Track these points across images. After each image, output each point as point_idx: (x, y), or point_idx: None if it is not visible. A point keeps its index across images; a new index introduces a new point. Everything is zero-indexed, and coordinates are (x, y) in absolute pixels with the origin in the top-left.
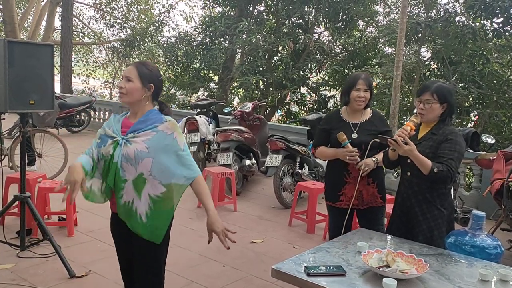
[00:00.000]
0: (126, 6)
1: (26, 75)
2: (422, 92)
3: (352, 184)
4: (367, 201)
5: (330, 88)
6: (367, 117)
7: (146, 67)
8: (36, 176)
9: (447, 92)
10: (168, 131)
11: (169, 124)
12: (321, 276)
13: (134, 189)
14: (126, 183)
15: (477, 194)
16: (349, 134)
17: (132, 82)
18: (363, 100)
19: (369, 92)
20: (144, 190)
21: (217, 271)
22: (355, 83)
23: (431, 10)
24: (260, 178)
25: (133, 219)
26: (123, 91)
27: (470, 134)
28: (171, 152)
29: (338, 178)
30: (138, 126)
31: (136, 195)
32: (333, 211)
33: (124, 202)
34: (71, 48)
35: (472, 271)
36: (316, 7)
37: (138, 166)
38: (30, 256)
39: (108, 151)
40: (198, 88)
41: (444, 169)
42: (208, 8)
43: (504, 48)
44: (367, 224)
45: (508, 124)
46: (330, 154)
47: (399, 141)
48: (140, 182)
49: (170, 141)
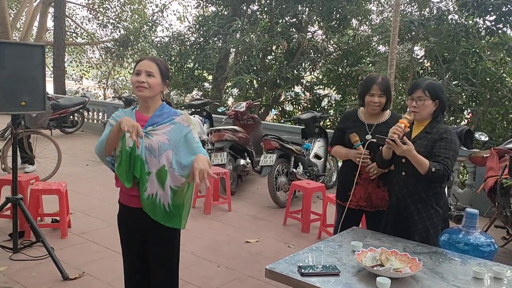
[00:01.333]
0: (119, 6)
1: (17, 76)
2: (414, 89)
3: (362, 185)
4: (376, 204)
5: (324, 87)
6: (384, 118)
7: (164, 64)
8: (29, 178)
9: (438, 88)
10: (185, 123)
11: (185, 116)
12: (315, 276)
13: (157, 181)
14: (150, 176)
15: (471, 192)
16: (363, 135)
17: (154, 77)
18: (378, 105)
19: (385, 96)
20: (166, 182)
21: (211, 271)
22: (369, 88)
23: (424, 8)
24: (254, 178)
25: (158, 210)
26: (145, 85)
27: (463, 132)
28: (188, 144)
29: (349, 178)
30: (156, 120)
31: (159, 186)
32: (341, 210)
33: (148, 195)
34: (64, 48)
35: (465, 269)
36: (309, 6)
37: (161, 158)
38: (23, 259)
39: (128, 144)
40: (192, 88)
41: (441, 168)
42: (202, 8)
43: (496, 45)
44: (373, 227)
45: (501, 121)
46: (343, 154)
47: (397, 141)
48: (163, 174)
49: (188, 133)
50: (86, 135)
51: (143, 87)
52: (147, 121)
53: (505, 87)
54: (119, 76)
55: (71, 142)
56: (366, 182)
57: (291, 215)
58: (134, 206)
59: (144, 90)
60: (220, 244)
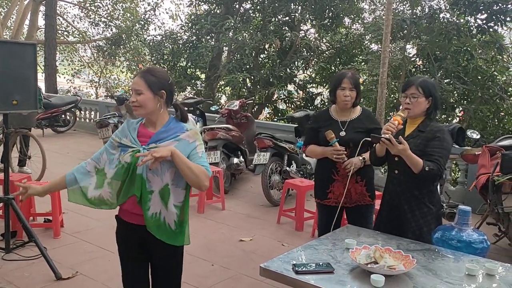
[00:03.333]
0: (111, 5)
1: (8, 75)
2: (407, 86)
3: (340, 182)
4: (355, 199)
5: (317, 85)
6: (356, 115)
7: (153, 74)
8: (21, 177)
9: (432, 86)
10: (190, 139)
11: (191, 133)
12: (310, 273)
13: (160, 199)
14: (153, 194)
15: (463, 189)
16: (337, 132)
17: (143, 94)
18: (349, 99)
19: (355, 91)
20: (169, 201)
21: (206, 270)
22: (340, 82)
23: (416, 7)
24: (248, 176)
25: (162, 229)
26: (136, 104)
27: (455, 130)
28: (192, 160)
29: (326, 175)
30: (160, 136)
31: (163, 205)
32: (321, 209)
33: (152, 214)
34: (55, 47)
35: (459, 266)
36: (302, 4)
37: (164, 176)
38: (16, 259)
39: (125, 159)
40: (185, 86)
41: (434, 167)
42: (194, 6)
43: (488, 44)
44: (355, 222)
45: (492, 119)
46: (318, 152)
47: (393, 141)
48: (165, 193)
49: (192, 150)
50: (78, 134)
51: (135, 107)
52: (151, 137)
53: (496, 85)
54: (111, 75)
55: (63, 141)
56: (345, 178)
57: (285, 213)
58: (137, 223)
59: (138, 109)
60: (214, 243)
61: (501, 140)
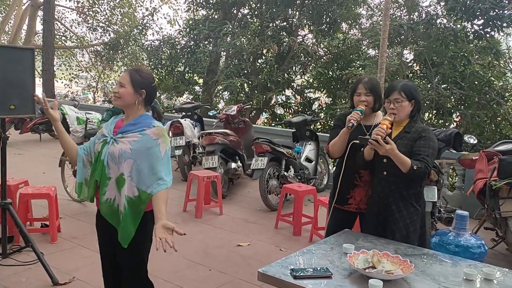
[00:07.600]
0: (109, 10)
1: (6, 80)
2: (390, 92)
3: (362, 188)
4: None
5: (314, 90)
6: (379, 120)
7: (139, 74)
8: (18, 182)
9: (413, 89)
10: (154, 136)
11: (156, 129)
12: (308, 278)
13: (116, 187)
14: (110, 181)
15: (461, 194)
16: (361, 135)
17: (125, 87)
18: (365, 104)
19: (372, 95)
20: (122, 190)
21: (203, 275)
22: (355, 88)
23: (413, 12)
24: (246, 181)
25: (115, 216)
26: (117, 95)
27: (452, 135)
28: (151, 158)
29: (349, 180)
30: (128, 128)
31: (117, 193)
32: (338, 214)
33: (107, 199)
34: (53, 52)
35: (456, 270)
36: (300, 9)
37: (121, 166)
38: (12, 264)
39: (97, 148)
40: (183, 91)
41: (422, 166)
42: (192, 11)
43: (484, 49)
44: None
45: (489, 124)
46: (341, 136)
47: (380, 141)
48: (121, 182)
49: (153, 146)
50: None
51: (115, 97)
52: (121, 127)
53: (493, 90)
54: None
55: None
56: (367, 184)
57: (283, 218)
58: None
59: (117, 100)
60: (212, 248)
61: (498, 145)
